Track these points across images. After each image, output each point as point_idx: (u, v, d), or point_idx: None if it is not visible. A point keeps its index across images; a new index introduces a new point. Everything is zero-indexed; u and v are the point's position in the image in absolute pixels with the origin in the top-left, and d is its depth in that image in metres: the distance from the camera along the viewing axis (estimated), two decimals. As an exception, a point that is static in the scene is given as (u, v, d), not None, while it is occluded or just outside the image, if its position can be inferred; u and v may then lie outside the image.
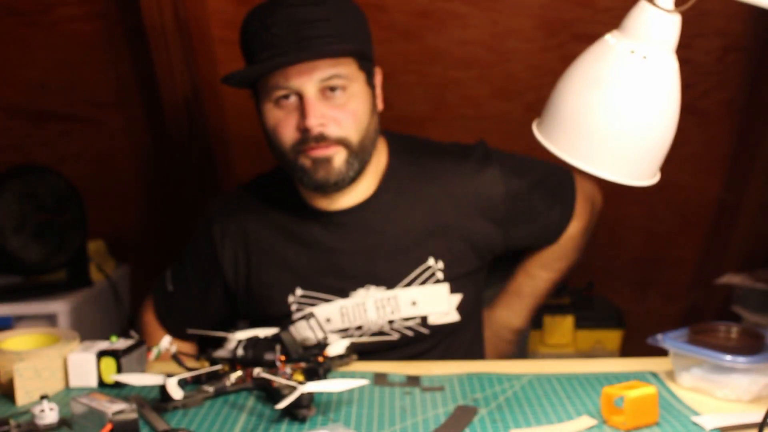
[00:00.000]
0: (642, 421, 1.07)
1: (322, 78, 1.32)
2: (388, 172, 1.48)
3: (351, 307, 1.46)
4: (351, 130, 1.35)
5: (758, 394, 1.17)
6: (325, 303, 1.46)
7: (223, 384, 1.22)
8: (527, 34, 1.99)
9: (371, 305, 1.45)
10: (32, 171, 2.02)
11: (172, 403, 1.16)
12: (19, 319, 1.97)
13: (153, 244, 2.40)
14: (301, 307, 1.47)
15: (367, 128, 1.38)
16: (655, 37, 1.05)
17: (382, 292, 1.45)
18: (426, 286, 1.46)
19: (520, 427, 1.09)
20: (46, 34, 2.03)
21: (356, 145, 1.36)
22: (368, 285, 1.45)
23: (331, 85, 1.33)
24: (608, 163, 1.09)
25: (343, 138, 1.35)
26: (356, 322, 1.46)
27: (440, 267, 1.46)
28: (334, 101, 1.34)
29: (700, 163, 2.19)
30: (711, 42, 1.98)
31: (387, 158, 1.49)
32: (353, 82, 1.35)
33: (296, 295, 1.47)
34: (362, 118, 1.37)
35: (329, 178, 1.37)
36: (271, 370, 1.23)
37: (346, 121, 1.35)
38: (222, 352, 1.31)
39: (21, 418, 1.13)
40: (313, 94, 1.33)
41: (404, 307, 1.46)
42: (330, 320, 1.46)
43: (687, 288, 2.43)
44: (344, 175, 1.37)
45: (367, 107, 1.38)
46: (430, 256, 1.46)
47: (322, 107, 1.33)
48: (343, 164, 1.36)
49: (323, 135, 1.34)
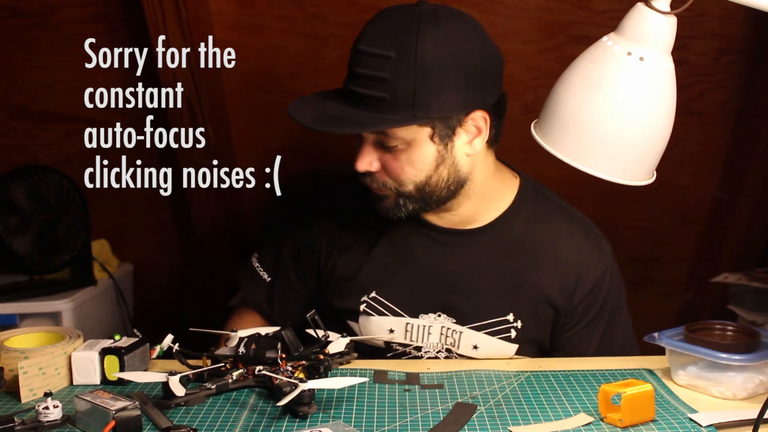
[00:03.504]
0: (639, 418, 1.08)
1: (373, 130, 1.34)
2: (507, 213, 1.45)
3: (417, 326, 1.44)
4: (399, 181, 1.36)
5: (753, 392, 1.18)
6: (392, 315, 1.45)
7: (225, 381, 1.22)
8: (525, 36, 1.99)
9: (436, 330, 1.44)
10: (36, 171, 2.02)
11: (174, 400, 1.16)
12: (24, 317, 1.98)
13: (156, 243, 2.41)
14: (369, 311, 1.46)
15: (427, 181, 1.36)
16: (651, 39, 1.06)
17: (450, 323, 1.43)
18: (494, 338, 1.42)
19: (519, 424, 1.09)
20: (50, 36, 2.04)
21: (408, 193, 1.37)
22: (440, 313, 1.44)
23: (382, 140, 1.34)
24: (605, 163, 1.09)
25: (389, 186, 1.37)
26: (417, 342, 1.45)
27: (516, 326, 1.42)
28: (390, 151, 1.34)
29: (696, 163, 2.19)
30: (707, 43, 1.99)
31: (513, 199, 1.46)
32: (407, 140, 1.33)
33: (369, 296, 1.46)
34: (416, 172, 1.35)
35: (382, 212, 1.40)
36: (273, 367, 1.24)
37: (393, 172, 1.35)
38: (224, 349, 1.32)
39: (25, 415, 1.14)
40: (369, 140, 1.35)
41: (464, 346, 1.43)
42: (393, 332, 1.45)
43: (683, 286, 2.44)
44: (397, 212, 1.39)
45: (424, 162, 1.35)
46: (512, 312, 1.42)
47: (374, 154, 1.36)
48: (392, 205, 1.39)
49: (372, 178, 1.37)
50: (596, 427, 1.08)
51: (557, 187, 1.69)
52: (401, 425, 1.10)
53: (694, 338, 1.22)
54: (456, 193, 1.39)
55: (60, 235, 2.05)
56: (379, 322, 1.45)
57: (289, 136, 2.13)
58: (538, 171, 1.83)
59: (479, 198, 1.43)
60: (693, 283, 2.41)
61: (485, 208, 1.44)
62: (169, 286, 2.48)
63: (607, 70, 1.07)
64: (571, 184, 1.72)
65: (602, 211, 2.28)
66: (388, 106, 1.29)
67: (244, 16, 1.97)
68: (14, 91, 2.15)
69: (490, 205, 1.45)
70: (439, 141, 1.34)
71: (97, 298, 2.14)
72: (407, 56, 1.27)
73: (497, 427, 1.09)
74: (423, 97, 1.29)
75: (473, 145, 1.36)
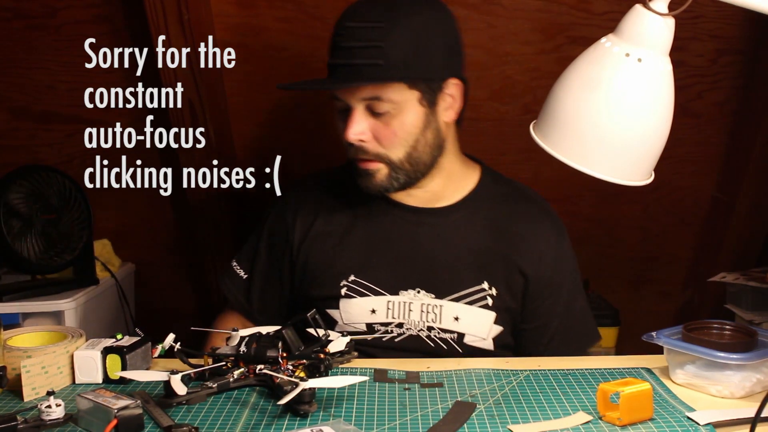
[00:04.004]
0: (637, 416, 1.08)
1: (365, 97, 1.40)
2: (473, 193, 1.54)
3: (397, 303, 1.48)
4: (391, 147, 1.42)
5: (751, 390, 1.18)
6: (373, 295, 1.49)
7: (226, 380, 1.23)
8: (524, 38, 2.00)
9: (417, 307, 1.48)
10: (38, 171, 2.03)
11: (176, 398, 1.17)
12: (27, 316, 1.97)
13: (157, 243, 2.41)
14: (351, 293, 1.50)
15: (415, 144, 1.44)
16: (649, 40, 1.06)
17: (430, 298, 1.48)
18: (473, 307, 1.48)
19: (518, 423, 1.10)
20: (52, 37, 2.05)
21: (399, 161, 1.43)
22: (419, 288, 1.48)
23: (374, 105, 1.39)
24: (604, 164, 1.10)
25: (382, 155, 1.43)
26: (399, 318, 1.49)
27: (492, 293, 1.48)
28: (380, 118, 1.41)
29: (694, 164, 2.19)
30: (704, 45, 1.99)
31: (477, 182, 1.55)
32: (399, 103, 1.40)
33: (348, 280, 1.50)
34: (406, 136, 1.43)
35: (370, 188, 1.46)
36: (274, 366, 1.25)
37: (386, 138, 1.42)
38: (225, 348, 1.32)
39: (28, 413, 1.14)
40: (359, 109, 1.41)
41: (446, 320, 1.48)
42: (375, 312, 1.49)
43: (681, 286, 2.44)
44: (386, 187, 1.46)
45: (414, 125, 1.43)
46: (486, 281, 1.48)
47: (364, 122, 1.41)
48: (385, 178, 1.45)
49: (363, 149, 1.42)
50: (595, 425, 1.09)
51: (556, 187, 1.70)
52: (401, 424, 1.10)
53: (692, 337, 1.23)
54: (434, 162, 1.47)
55: (62, 235, 2.05)
56: (361, 303, 1.49)
57: (289, 136, 2.14)
58: (537, 171, 1.84)
59: (447, 175, 1.51)
60: (691, 283, 2.41)
61: (452, 187, 1.53)
62: (170, 286, 2.48)
63: (606, 71, 1.08)
64: (570, 185, 1.73)
65: (601, 211, 2.29)
66: (383, 70, 1.37)
67: (245, 18, 1.98)
68: (16, 91, 2.15)
69: (456, 185, 1.53)
70: (426, 104, 1.43)
71: (99, 298, 2.14)
72: (398, 24, 1.38)
73: (496, 425, 1.09)
74: (413, 60, 1.39)
75: (449, 113, 1.47)
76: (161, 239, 2.40)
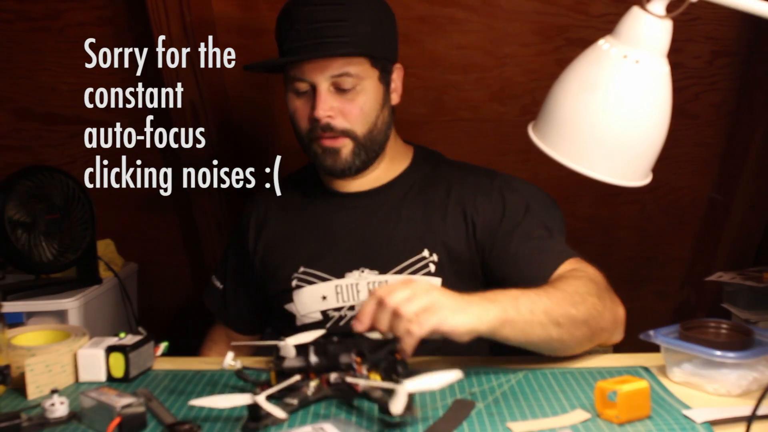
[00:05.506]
0: (634, 414, 1.08)
1: (333, 74, 1.44)
2: (405, 171, 1.58)
3: (345, 286, 1.51)
4: (357, 123, 1.46)
5: (747, 389, 1.19)
6: (321, 282, 1.51)
7: (304, 395, 1.15)
8: (523, 39, 2.00)
9: (363, 287, 1.50)
10: (42, 171, 2.03)
11: (263, 421, 1.08)
12: (30, 315, 1.98)
13: (160, 242, 2.42)
14: (301, 284, 1.52)
15: (376, 121, 1.49)
16: (647, 42, 1.06)
17: (374, 275, 1.50)
18: (417, 276, 1.49)
19: (517, 421, 1.10)
20: (56, 39, 2.06)
21: (363, 137, 1.48)
22: (362, 268, 1.50)
23: (341, 81, 1.43)
24: (602, 165, 1.10)
25: (348, 130, 1.46)
26: (350, 301, 1.51)
27: (434, 260, 1.49)
28: (345, 95, 1.45)
29: (691, 164, 2.20)
30: (701, 46, 1.99)
31: (410, 162, 1.60)
32: (363, 80, 1.46)
33: (299, 272, 1.53)
34: (369, 112, 1.48)
35: (336, 166, 1.49)
36: (348, 372, 1.16)
37: (352, 114, 1.46)
38: (291, 361, 1.19)
39: (32, 411, 1.15)
40: (325, 88, 1.44)
41: None
42: (326, 298, 1.51)
43: (678, 285, 2.44)
44: (350, 164, 1.49)
45: (376, 102, 1.48)
46: (426, 248, 1.50)
47: (331, 100, 1.45)
48: (349, 154, 1.48)
49: (330, 126, 1.45)
50: (593, 423, 1.09)
51: (554, 188, 1.70)
52: (400, 422, 1.10)
53: (689, 336, 1.23)
54: (386, 142, 1.53)
55: (66, 235, 2.06)
56: (311, 291, 1.52)
57: (289, 136, 2.14)
58: (535, 172, 1.85)
59: (389, 158, 1.57)
60: (688, 282, 2.42)
61: (391, 168, 1.57)
62: (173, 285, 2.49)
63: (604, 72, 1.08)
64: (568, 185, 1.74)
65: (599, 211, 2.29)
66: (350, 45, 1.43)
67: (246, 20, 1.99)
68: (20, 93, 2.17)
69: (393, 165, 1.57)
70: (383, 84, 1.50)
71: (103, 297, 2.15)
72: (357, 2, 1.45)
73: (495, 423, 1.10)
74: (374, 38, 1.46)
75: (394, 96, 1.54)
76: (164, 239, 2.41)
